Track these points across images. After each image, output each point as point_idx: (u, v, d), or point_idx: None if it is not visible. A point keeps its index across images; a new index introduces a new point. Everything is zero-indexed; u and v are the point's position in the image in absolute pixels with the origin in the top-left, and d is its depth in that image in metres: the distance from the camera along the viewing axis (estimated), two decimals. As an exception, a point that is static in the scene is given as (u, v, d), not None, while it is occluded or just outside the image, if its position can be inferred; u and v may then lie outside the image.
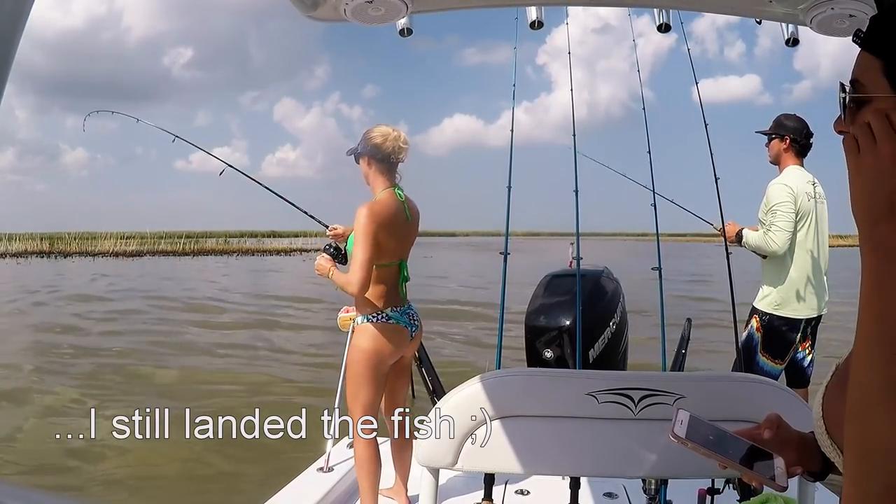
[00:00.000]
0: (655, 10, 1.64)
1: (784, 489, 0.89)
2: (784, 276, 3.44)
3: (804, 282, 3.44)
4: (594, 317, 3.28)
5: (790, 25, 1.56)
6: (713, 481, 1.88)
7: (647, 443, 1.30)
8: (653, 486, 2.40)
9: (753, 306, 3.57)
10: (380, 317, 2.68)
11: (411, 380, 3.55)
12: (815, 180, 3.53)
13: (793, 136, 3.52)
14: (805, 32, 1.55)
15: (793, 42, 1.59)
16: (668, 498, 2.41)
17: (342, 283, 2.66)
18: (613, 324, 3.41)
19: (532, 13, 1.66)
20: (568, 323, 3.16)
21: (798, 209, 3.41)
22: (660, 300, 3.28)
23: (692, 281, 17.52)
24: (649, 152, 3.53)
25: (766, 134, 3.63)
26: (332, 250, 2.85)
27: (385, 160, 2.71)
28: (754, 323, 3.52)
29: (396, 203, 2.70)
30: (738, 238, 3.58)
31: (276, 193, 3.56)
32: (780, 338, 3.45)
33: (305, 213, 3.50)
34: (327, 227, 3.13)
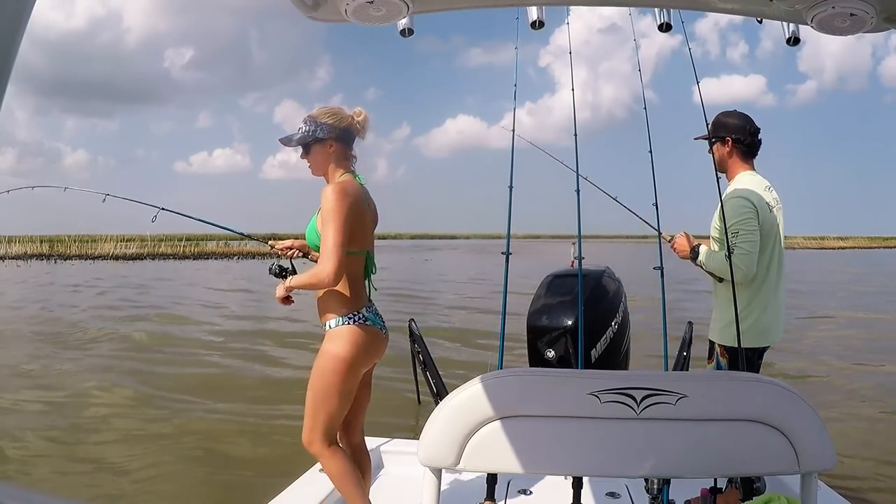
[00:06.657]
0: (656, 9, 1.64)
1: None
2: (750, 301, 2.86)
3: (770, 303, 2.93)
4: (596, 316, 3.28)
5: (791, 24, 1.56)
6: (716, 481, 1.87)
7: (649, 442, 1.30)
8: (655, 486, 2.41)
9: (711, 341, 2.98)
10: (357, 317, 2.35)
11: (416, 384, 3.55)
12: (770, 184, 2.99)
13: (735, 137, 2.94)
14: (807, 32, 1.55)
15: (794, 41, 1.58)
16: (670, 497, 2.41)
17: (308, 279, 2.33)
18: (615, 323, 3.41)
19: (533, 13, 1.66)
20: (570, 323, 3.16)
21: (762, 225, 2.84)
22: (661, 299, 3.27)
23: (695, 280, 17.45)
24: (651, 151, 3.52)
25: (705, 139, 3.01)
26: (276, 270, 2.50)
27: (351, 141, 2.48)
28: (718, 351, 2.95)
29: (360, 187, 2.44)
30: (694, 255, 2.96)
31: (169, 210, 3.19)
32: (750, 367, 2.87)
33: (242, 234, 3.28)
34: (266, 242, 2.73)
